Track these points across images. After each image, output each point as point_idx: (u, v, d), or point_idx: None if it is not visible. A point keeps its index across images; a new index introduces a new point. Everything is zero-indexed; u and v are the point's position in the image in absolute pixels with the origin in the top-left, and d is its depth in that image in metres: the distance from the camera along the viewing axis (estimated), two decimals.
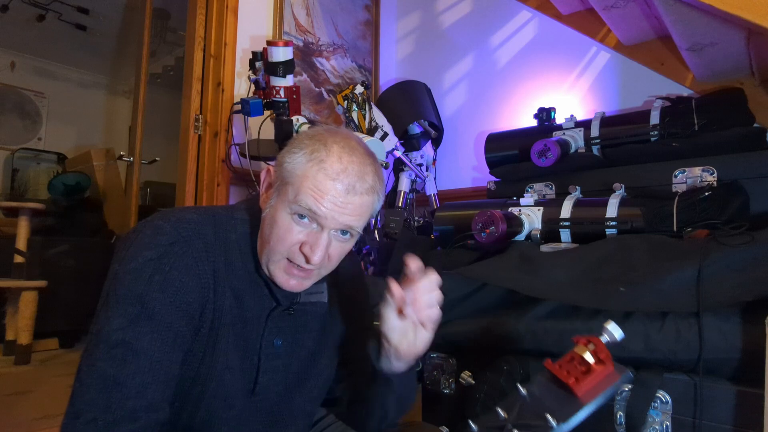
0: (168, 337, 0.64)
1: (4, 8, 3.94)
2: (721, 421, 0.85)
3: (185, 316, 0.66)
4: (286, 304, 0.77)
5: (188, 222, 0.70)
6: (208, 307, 0.69)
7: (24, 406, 1.63)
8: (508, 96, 2.35)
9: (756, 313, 0.87)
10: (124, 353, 0.61)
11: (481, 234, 1.23)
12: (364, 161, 0.72)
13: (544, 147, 1.56)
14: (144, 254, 0.65)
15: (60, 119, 4.97)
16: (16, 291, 2.31)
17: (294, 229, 0.69)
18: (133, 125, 2.55)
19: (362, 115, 1.89)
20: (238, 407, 0.74)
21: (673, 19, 1.36)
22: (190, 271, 0.67)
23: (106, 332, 0.62)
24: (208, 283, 0.69)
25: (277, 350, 0.77)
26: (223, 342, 0.70)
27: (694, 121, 1.44)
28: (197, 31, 2.08)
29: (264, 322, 0.76)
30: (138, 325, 0.62)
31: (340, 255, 0.74)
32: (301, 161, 0.70)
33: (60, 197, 3.10)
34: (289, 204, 0.69)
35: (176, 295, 0.65)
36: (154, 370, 0.62)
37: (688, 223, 1.15)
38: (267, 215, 0.72)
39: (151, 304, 0.63)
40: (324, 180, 0.68)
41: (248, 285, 0.74)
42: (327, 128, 0.75)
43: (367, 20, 2.74)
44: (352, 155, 0.70)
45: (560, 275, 1.13)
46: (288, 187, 0.69)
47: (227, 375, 0.71)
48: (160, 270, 0.65)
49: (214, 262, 0.70)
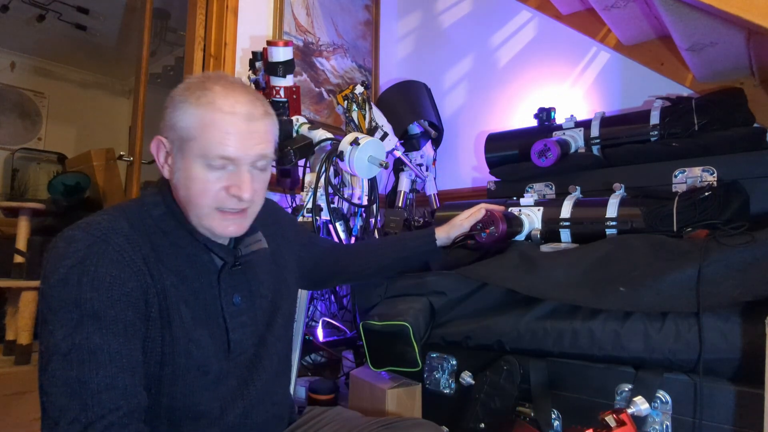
0: (118, 329, 0.63)
1: (4, 8, 3.94)
2: (721, 421, 0.85)
3: (129, 306, 0.65)
4: (231, 261, 0.78)
5: (98, 223, 0.69)
6: (150, 291, 0.69)
7: (24, 406, 1.63)
8: (508, 96, 2.35)
9: (756, 313, 0.87)
10: (79, 356, 0.60)
11: (481, 234, 1.23)
12: (247, 90, 0.74)
13: (544, 147, 1.56)
14: (63, 264, 0.64)
15: (60, 119, 4.97)
16: (16, 291, 2.31)
17: (212, 177, 0.70)
18: (133, 125, 2.55)
19: (362, 115, 1.89)
20: (214, 371, 0.74)
21: (673, 19, 1.36)
22: (117, 264, 0.66)
23: (54, 345, 0.60)
24: (140, 270, 0.68)
25: (239, 306, 0.79)
26: (177, 320, 0.70)
27: (694, 121, 1.44)
28: (197, 31, 2.08)
29: (217, 284, 0.77)
30: (83, 327, 0.61)
31: (263, 186, 0.77)
32: (191, 112, 0.70)
33: (60, 197, 3.10)
34: (199, 158, 0.69)
35: (111, 289, 0.64)
36: (115, 360, 0.61)
37: (688, 223, 1.15)
38: (179, 179, 0.73)
39: (88, 305, 0.62)
40: (222, 117, 0.69)
41: (185, 259, 0.74)
42: (198, 75, 0.75)
43: (367, 20, 2.74)
44: (234, 87, 0.72)
45: (560, 275, 1.13)
46: (191, 143, 0.70)
47: (192, 347, 0.71)
48: (86, 272, 0.64)
49: (140, 249, 0.70)
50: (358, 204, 1.82)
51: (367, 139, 1.57)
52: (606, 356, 1.00)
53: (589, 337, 1.02)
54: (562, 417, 1.03)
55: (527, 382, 1.07)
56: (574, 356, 1.04)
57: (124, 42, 4.60)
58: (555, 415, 1.03)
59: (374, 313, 1.26)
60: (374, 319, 1.21)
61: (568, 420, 1.02)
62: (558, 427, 1.03)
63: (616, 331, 0.99)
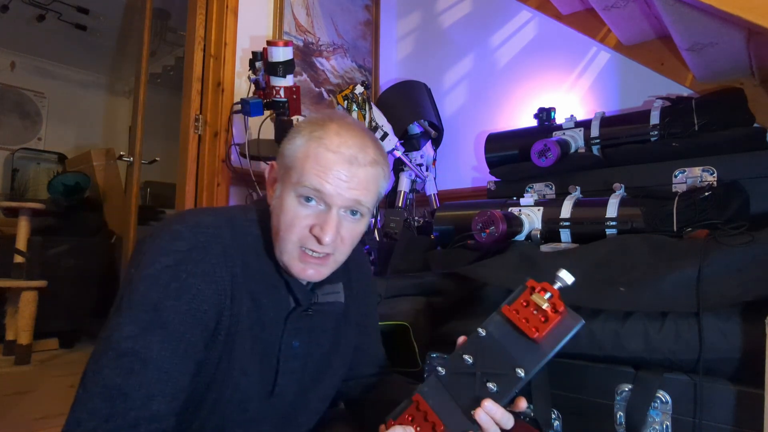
0: (179, 347, 0.62)
1: (4, 8, 3.94)
2: (721, 421, 0.85)
3: (199, 325, 0.65)
4: (305, 305, 0.76)
5: (206, 226, 0.68)
6: (225, 314, 0.68)
7: (24, 406, 1.63)
8: (508, 96, 2.35)
9: (756, 313, 0.87)
10: (131, 363, 0.59)
11: (481, 234, 1.23)
12: (363, 134, 0.72)
13: (544, 147, 1.56)
14: (161, 260, 0.64)
15: (60, 119, 4.97)
16: (16, 291, 2.31)
17: (301, 213, 0.69)
18: (133, 125, 2.55)
19: (362, 115, 1.89)
20: (252, 410, 0.72)
21: (673, 19, 1.36)
22: (207, 278, 0.65)
23: (116, 339, 0.60)
24: (225, 289, 0.67)
25: (295, 351, 0.76)
26: (239, 347, 0.69)
27: (694, 121, 1.44)
28: (197, 31, 2.08)
29: (283, 324, 0.75)
30: (149, 333, 0.61)
31: (352, 238, 0.73)
32: (300, 143, 0.70)
33: (60, 197, 3.10)
34: (294, 187, 0.69)
35: (191, 303, 0.64)
36: (161, 381, 0.60)
37: (688, 223, 1.15)
38: (275, 207, 0.73)
39: (165, 313, 0.62)
40: (324, 154, 0.68)
41: (265, 287, 0.73)
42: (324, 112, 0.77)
43: (367, 20, 2.74)
44: (349, 130, 0.71)
45: None
46: (291, 172, 0.70)
47: (243, 380, 0.70)
48: (177, 277, 0.63)
49: (233, 266, 0.69)
50: None
51: None
52: (606, 356, 1.00)
53: (589, 337, 1.02)
54: (562, 417, 1.03)
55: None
56: (574, 356, 1.04)
57: (124, 42, 4.60)
58: (555, 415, 1.03)
59: None
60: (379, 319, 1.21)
61: (569, 420, 1.02)
62: (558, 427, 1.03)
63: (616, 331, 0.99)
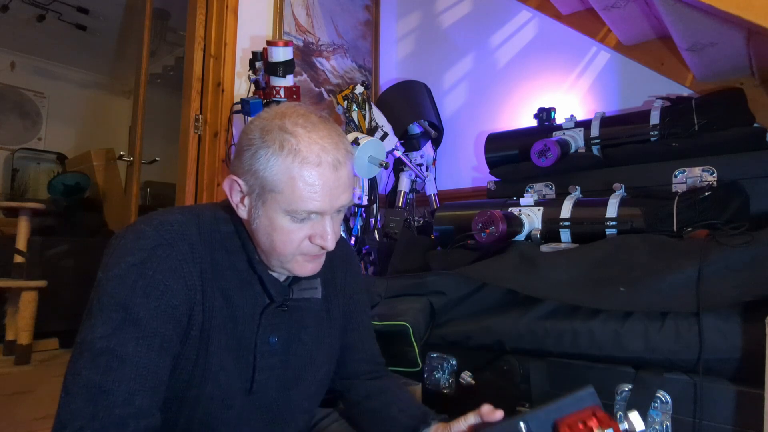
0: (154, 342, 0.63)
1: (4, 8, 3.94)
2: (721, 421, 0.85)
3: (171, 320, 0.65)
4: (279, 300, 0.76)
5: (171, 224, 0.68)
6: (197, 309, 0.68)
7: (24, 406, 1.63)
8: (508, 96, 2.35)
9: (756, 313, 0.87)
10: (108, 361, 0.60)
11: (481, 234, 1.23)
12: (328, 127, 0.70)
13: (544, 147, 1.56)
14: (126, 260, 0.64)
15: (60, 119, 4.97)
16: (16, 291, 2.31)
17: (297, 230, 0.69)
18: (133, 125, 2.55)
19: (362, 115, 1.89)
20: (236, 407, 0.73)
21: (673, 19, 1.36)
22: (175, 274, 0.66)
23: (90, 340, 0.61)
24: (194, 284, 0.68)
25: (273, 347, 0.76)
26: (215, 343, 0.70)
27: (694, 121, 1.44)
28: (197, 31, 2.08)
29: (258, 320, 0.75)
30: (122, 331, 0.61)
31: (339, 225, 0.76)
32: (275, 162, 0.66)
33: (60, 197, 3.10)
34: (286, 212, 0.68)
35: (161, 299, 0.64)
36: (141, 376, 0.61)
37: (688, 223, 1.15)
38: (259, 226, 0.70)
39: (135, 310, 0.62)
40: (310, 171, 0.66)
41: (238, 284, 0.73)
42: (273, 110, 0.71)
43: (367, 20, 2.74)
44: (316, 127, 0.68)
45: (560, 275, 1.13)
46: (276, 196, 0.67)
47: (222, 375, 0.70)
48: (144, 275, 0.63)
49: (201, 262, 0.69)
50: (358, 204, 1.82)
51: (367, 139, 1.57)
52: (606, 356, 1.00)
53: (589, 337, 1.02)
54: None
55: (527, 382, 1.07)
56: (574, 356, 1.04)
57: (124, 42, 4.60)
58: None
59: (374, 313, 1.26)
60: (374, 319, 1.21)
61: None
62: None
63: (616, 331, 0.99)
